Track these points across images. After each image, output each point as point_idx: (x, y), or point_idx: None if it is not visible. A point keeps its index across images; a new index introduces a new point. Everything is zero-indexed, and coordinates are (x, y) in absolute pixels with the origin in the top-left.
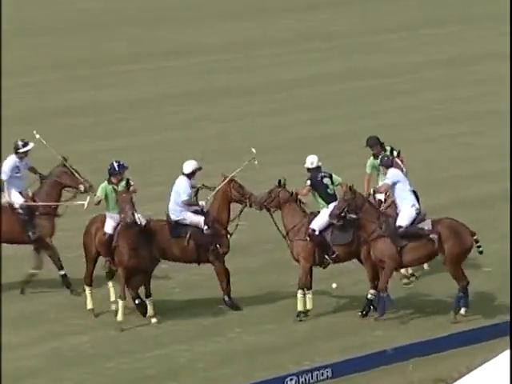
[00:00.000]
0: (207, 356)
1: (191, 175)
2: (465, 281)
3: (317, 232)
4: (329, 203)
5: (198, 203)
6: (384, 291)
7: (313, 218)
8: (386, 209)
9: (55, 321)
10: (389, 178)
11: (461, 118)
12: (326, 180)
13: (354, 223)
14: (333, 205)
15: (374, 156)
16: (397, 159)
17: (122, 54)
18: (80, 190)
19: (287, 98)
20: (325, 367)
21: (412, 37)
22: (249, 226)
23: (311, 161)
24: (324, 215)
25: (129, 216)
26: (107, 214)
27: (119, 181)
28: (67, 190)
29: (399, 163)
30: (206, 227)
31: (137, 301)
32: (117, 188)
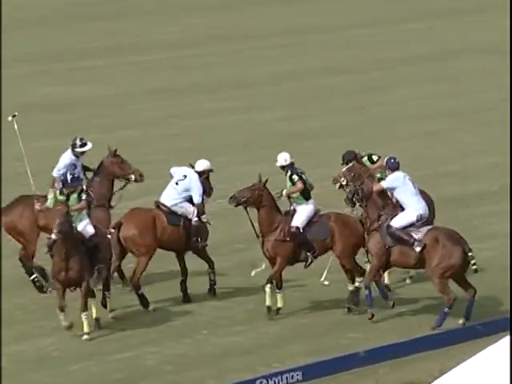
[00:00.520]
0: (176, 358)
1: (201, 174)
2: (450, 296)
3: (301, 230)
4: (307, 199)
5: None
6: (366, 288)
7: (291, 217)
8: None
9: (21, 322)
10: (386, 181)
11: (440, 115)
12: (305, 176)
13: (330, 219)
14: (312, 201)
15: None
16: (373, 165)
17: (90, 49)
18: (131, 180)
19: (260, 94)
20: (295, 370)
21: (389, 31)
22: (218, 226)
23: (284, 158)
24: (304, 212)
25: (56, 230)
26: None
27: (71, 192)
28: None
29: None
30: (197, 219)
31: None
32: (63, 199)
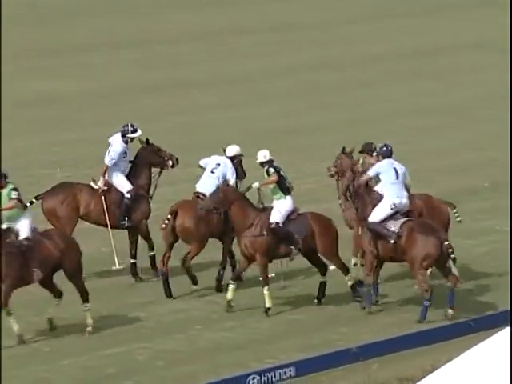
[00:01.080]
0: (167, 354)
1: (232, 159)
2: (427, 289)
3: (279, 224)
4: (286, 194)
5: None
6: (367, 282)
7: (269, 213)
8: None
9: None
10: (371, 169)
11: (432, 111)
12: (283, 172)
13: (308, 217)
14: (290, 197)
15: None
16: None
17: (81, 45)
18: (168, 166)
19: (255, 90)
20: (288, 365)
21: (382, 27)
22: None
23: (264, 154)
24: (282, 207)
25: None
26: None
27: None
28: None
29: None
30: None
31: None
32: None
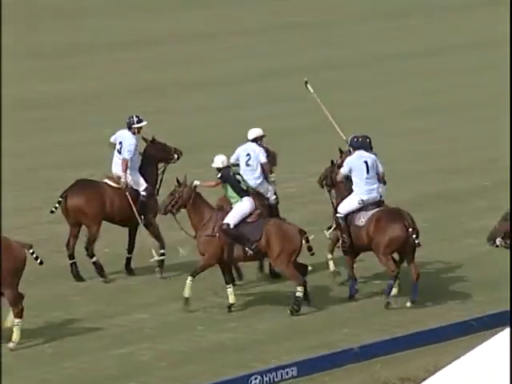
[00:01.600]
0: (171, 354)
1: (256, 141)
2: (393, 272)
3: (231, 226)
4: (242, 197)
5: None
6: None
7: (223, 214)
8: None
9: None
10: (343, 166)
11: (433, 111)
12: (238, 176)
13: (267, 223)
14: (248, 199)
15: None
16: None
17: (80, 46)
18: (175, 160)
19: (251, 91)
20: (290, 366)
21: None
22: None
23: (221, 160)
24: (238, 209)
25: None
26: None
27: None
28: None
29: None
30: (275, 197)
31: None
32: None
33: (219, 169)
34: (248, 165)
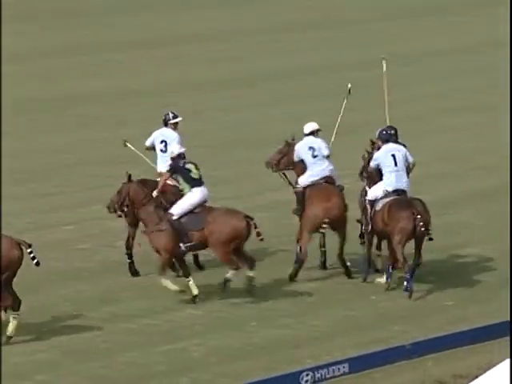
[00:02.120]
0: (221, 350)
1: (312, 134)
2: (401, 260)
3: (175, 217)
4: (193, 187)
5: None
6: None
7: (171, 206)
8: None
9: (67, 314)
10: (372, 160)
11: (473, 109)
12: (189, 165)
13: (210, 211)
14: (198, 189)
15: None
16: None
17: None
18: None
19: (277, 90)
20: (341, 362)
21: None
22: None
23: (173, 151)
24: (185, 200)
25: None
26: None
27: None
28: None
29: None
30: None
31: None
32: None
33: (173, 158)
34: (315, 156)
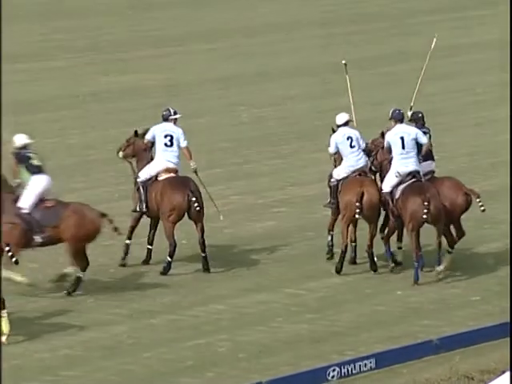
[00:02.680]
0: (248, 345)
1: (347, 124)
2: (416, 249)
3: (25, 210)
4: (34, 174)
5: None
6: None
7: (17, 198)
8: None
9: (93, 310)
10: (385, 144)
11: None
12: (31, 154)
13: (67, 207)
14: (39, 176)
15: None
16: None
17: (158, 37)
18: None
19: (328, 82)
20: (368, 357)
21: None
22: (289, 213)
23: (18, 140)
24: (31, 190)
25: None
26: None
27: None
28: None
29: None
30: None
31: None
32: None
33: (18, 148)
34: (352, 146)
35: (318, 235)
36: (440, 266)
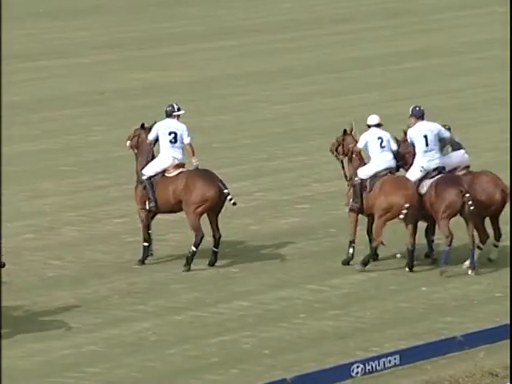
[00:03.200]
0: (273, 342)
1: (378, 126)
2: (448, 237)
3: None
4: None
5: None
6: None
7: None
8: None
9: (117, 306)
10: (408, 137)
11: None
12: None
13: None
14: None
15: None
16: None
17: (182, 34)
18: None
19: (351, 78)
20: (392, 354)
21: (480, 14)
22: (312, 210)
23: None
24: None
25: None
26: None
27: None
28: None
29: None
30: None
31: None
32: None
33: None
34: (383, 147)
35: (342, 232)
36: (466, 262)
